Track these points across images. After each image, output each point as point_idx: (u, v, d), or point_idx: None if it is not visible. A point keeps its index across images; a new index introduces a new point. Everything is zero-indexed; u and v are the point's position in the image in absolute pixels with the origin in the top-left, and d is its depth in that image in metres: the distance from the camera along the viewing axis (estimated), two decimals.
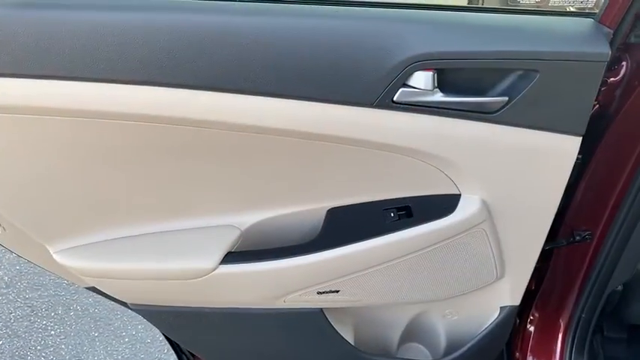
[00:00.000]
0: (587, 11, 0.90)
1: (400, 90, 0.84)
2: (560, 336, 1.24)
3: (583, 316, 1.21)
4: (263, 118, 0.86)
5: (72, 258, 1.01)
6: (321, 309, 1.10)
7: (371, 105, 0.85)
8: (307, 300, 1.06)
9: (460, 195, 0.97)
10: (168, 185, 0.97)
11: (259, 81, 0.83)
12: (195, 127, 0.87)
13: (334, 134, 0.88)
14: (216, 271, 0.99)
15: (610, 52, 0.82)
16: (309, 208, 1.01)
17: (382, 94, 0.84)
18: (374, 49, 0.83)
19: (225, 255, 0.99)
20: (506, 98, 0.85)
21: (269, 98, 0.85)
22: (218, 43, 0.82)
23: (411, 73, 0.83)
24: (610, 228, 1.08)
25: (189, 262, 1.00)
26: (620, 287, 1.25)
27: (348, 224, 1.00)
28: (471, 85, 0.86)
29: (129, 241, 1.01)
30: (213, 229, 1.02)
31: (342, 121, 0.87)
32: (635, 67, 0.92)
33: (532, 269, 1.07)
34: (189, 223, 1.02)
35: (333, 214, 1.01)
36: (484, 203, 0.96)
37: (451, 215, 0.96)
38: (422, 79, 0.83)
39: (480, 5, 1.43)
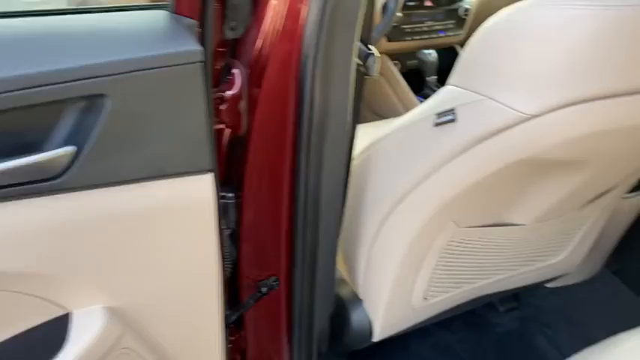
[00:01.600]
0: (158, 3, 0.64)
1: None
2: None
3: None
4: None
5: None
6: None
7: None
8: None
9: (68, 314, 0.61)
10: None
11: None
12: None
13: None
14: None
15: (202, 49, 0.58)
16: None
17: None
18: None
19: None
20: (74, 148, 0.53)
21: None
22: None
23: None
24: (293, 266, 0.88)
25: None
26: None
27: None
28: (4, 140, 0.50)
29: None
30: None
31: None
32: (249, 73, 0.72)
33: None
34: None
35: None
36: (112, 311, 0.62)
37: (64, 352, 0.59)
38: None
39: None
